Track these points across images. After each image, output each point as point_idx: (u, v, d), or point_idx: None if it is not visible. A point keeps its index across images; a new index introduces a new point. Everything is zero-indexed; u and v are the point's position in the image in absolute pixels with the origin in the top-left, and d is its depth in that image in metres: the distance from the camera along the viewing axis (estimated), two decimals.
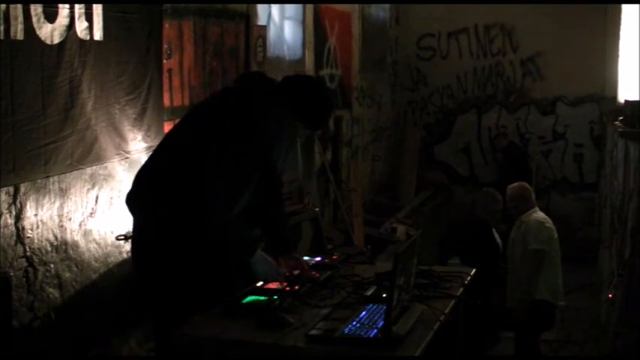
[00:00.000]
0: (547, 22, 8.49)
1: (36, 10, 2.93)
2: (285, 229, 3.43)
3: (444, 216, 8.24)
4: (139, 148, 3.72)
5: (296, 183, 5.62)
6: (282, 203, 3.45)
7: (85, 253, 3.41)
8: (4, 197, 2.91)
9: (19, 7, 2.85)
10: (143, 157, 3.73)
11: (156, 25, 3.84)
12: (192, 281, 3.07)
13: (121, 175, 3.65)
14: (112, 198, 3.58)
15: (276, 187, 3.35)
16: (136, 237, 3.19)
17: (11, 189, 2.94)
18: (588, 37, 8.31)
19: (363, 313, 2.81)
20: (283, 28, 5.62)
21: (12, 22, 2.82)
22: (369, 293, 3.08)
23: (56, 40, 3.07)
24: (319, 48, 6.35)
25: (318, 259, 3.59)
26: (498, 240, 5.48)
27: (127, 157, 3.65)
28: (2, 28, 2.77)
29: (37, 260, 3.11)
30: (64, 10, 3.10)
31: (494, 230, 5.52)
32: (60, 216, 3.23)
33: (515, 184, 5.30)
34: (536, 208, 5.12)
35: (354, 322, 2.70)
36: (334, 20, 6.69)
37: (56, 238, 3.21)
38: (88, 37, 3.26)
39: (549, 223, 5.00)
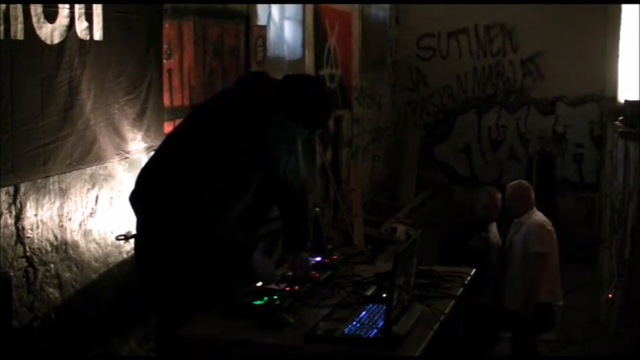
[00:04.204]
0: (547, 22, 8.48)
1: (36, 10, 2.93)
2: (295, 228, 3.42)
3: (444, 216, 8.23)
4: (138, 148, 3.72)
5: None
6: (294, 201, 3.41)
7: (85, 253, 3.41)
8: (4, 197, 2.91)
9: (19, 7, 2.85)
10: (143, 157, 3.73)
11: (156, 25, 3.83)
12: (193, 281, 3.07)
13: (121, 175, 3.65)
14: (112, 198, 3.58)
15: (284, 186, 3.30)
16: (139, 236, 3.20)
17: (11, 189, 2.93)
18: (588, 37, 8.30)
19: (363, 313, 2.81)
20: (283, 28, 5.62)
21: (12, 22, 2.82)
22: (369, 293, 3.08)
23: (56, 40, 3.07)
24: (319, 48, 6.35)
25: (318, 259, 3.59)
26: (497, 239, 5.47)
27: (127, 157, 3.65)
28: (2, 28, 2.77)
29: (37, 260, 3.11)
30: (64, 10, 3.10)
31: (495, 229, 5.52)
32: (60, 216, 3.23)
33: (515, 182, 5.27)
34: (535, 209, 5.08)
35: (354, 322, 2.70)
36: (334, 20, 6.68)
37: (56, 238, 3.21)
38: (87, 37, 3.26)
39: (549, 225, 4.96)
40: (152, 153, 3.50)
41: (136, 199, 3.19)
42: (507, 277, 5.10)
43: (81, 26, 3.21)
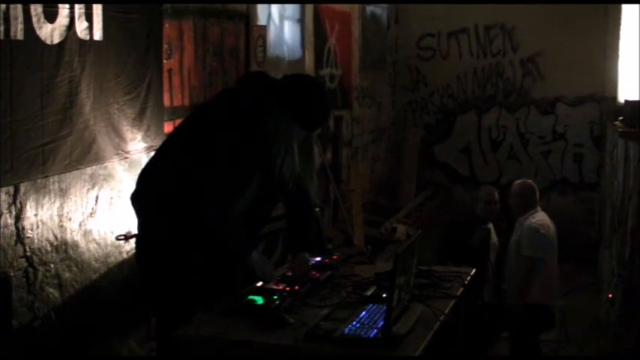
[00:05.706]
0: (547, 22, 8.48)
1: (36, 10, 2.93)
2: (299, 228, 3.43)
3: (444, 216, 8.23)
4: (138, 148, 3.72)
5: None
6: (296, 201, 3.42)
7: (85, 253, 3.41)
8: (4, 197, 2.91)
9: (19, 7, 2.85)
10: (143, 157, 3.73)
11: (156, 25, 3.84)
12: (193, 281, 3.07)
13: (121, 175, 3.65)
14: (112, 198, 3.58)
15: (281, 186, 3.30)
16: (139, 236, 3.20)
17: (11, 189, 2.94)
18: (588, 37, 8.30)
19: (363, 313, 2.81)
20: (283, 28, 5.62)
21: (12, 22, 2.82)
22: (369, 293, 3.08)
23: (56, 40, 3.07)
24: (319, 48, 6.35)
25: (318, 259, 3.59)
26: (495, 238, 5.47)
27: (127, 157, 3.65)
28: (2, 28, 2.77)
29: (37, 260, 3.11)
30: (64, 10, 3.10)
31: (492, 228, 5.52)
32: (60, 216, 3.23)
33: (518, 181, 5.26)
34: (537, 209, 5.05)
35: (354, 322, 2.70)
36: (334, 20, 6.68)
37: (56, 238, 3.21)
38: (87, 37, 3.26)
39: (545, 229, 4.91)
40: (152, 153, 3.49)
41: (137, 199, 3.19)
42: (505, 275, 5.12)
43: (81, 26, 3.21)
